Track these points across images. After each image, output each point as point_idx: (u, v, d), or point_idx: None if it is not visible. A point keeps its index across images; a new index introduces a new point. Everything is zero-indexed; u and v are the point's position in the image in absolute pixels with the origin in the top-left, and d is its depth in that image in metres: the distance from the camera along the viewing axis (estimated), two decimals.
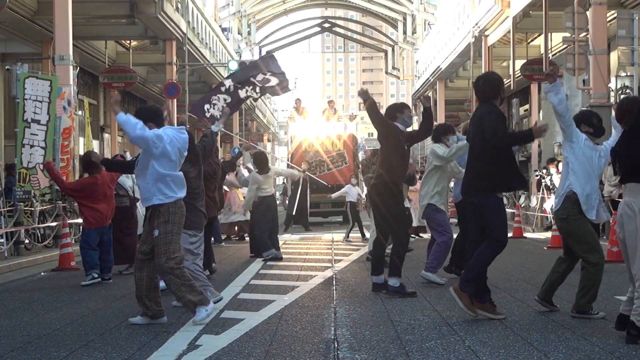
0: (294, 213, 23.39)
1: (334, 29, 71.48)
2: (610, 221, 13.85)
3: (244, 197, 16.59)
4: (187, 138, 7.56)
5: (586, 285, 7.28)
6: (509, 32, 29.26)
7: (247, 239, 17.53)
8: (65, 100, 18.12)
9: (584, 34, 20.53)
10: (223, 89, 15.00)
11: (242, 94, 14.96)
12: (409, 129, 9.53)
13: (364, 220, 18.15)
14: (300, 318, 7.58)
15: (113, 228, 11.43)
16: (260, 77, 15.03)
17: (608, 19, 21.38)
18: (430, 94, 48.70)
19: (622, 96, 19.38)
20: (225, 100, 14.72)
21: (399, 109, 9.32)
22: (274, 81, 15.09)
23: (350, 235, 18.35)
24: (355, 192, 18.77)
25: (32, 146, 16.99)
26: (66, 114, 18.08)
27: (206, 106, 14.71)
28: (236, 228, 19.68)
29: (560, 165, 18.34)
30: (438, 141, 10.27)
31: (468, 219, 7.99)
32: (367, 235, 16.43)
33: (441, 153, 10.09)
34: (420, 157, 44.41)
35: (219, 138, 9.97)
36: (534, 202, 23.87)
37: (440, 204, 10.20)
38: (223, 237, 18.70)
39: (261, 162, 14.16)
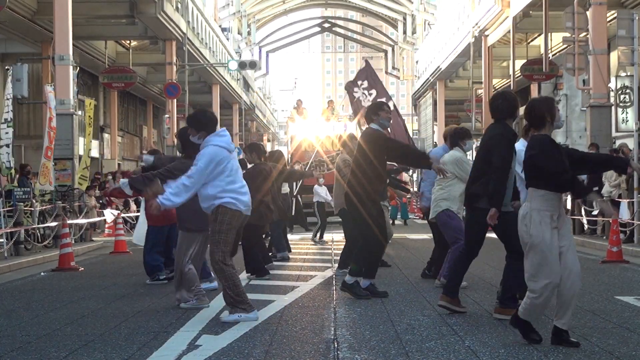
0: (293, 214, 23.35)
1: (334, 29, 71.52)
2: (611, 221, 13.88)
3: None
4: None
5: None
6: (509, 32, 29.26)
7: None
8: (53, 99, 17.93)
9: (584, 34, 20.53)
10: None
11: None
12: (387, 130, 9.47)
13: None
14: (300, 318, 7.58)
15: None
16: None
17: (608, 19, 21.40)
18: (430, 94, 48.77)
19: (621, 96, 19.38)
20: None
21: (374, 111, 8.88)
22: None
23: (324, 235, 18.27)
24: (323, 192, 18.67)
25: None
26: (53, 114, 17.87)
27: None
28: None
29: None
30: (456, 145, 9.67)
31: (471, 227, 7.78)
32: (325, 237, 17.21)
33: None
34: None
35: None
36: None
37: (458, 211, 9.88)
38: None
39: (278, 159, 14.15)
